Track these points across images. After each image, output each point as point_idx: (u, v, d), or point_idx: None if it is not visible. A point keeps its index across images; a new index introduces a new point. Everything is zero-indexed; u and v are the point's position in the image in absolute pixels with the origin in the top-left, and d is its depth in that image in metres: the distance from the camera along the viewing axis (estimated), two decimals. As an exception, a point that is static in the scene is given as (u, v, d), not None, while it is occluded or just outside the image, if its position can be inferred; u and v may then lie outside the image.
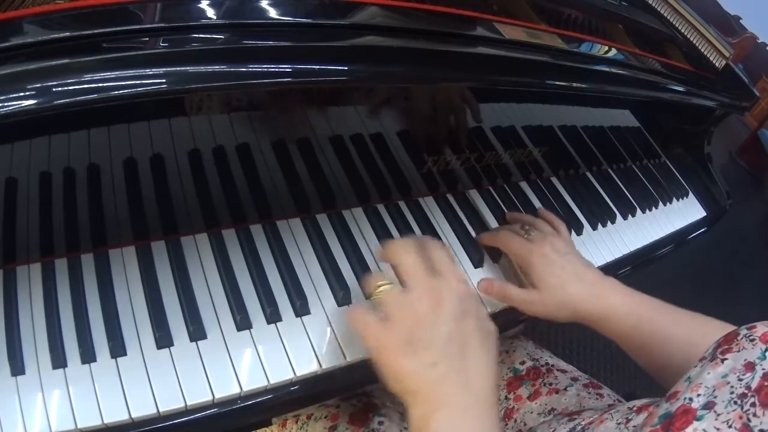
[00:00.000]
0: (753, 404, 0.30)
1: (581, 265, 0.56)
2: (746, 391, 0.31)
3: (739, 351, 0.33)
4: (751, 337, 0.34)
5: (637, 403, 0.46)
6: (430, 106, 0.64)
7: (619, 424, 0.45)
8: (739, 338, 0.34)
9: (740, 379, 0.31)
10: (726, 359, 0.33)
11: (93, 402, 0.42)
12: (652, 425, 0.32)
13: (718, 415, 0.29)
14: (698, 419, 0.30)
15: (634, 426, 0.42)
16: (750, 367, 0.32)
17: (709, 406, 0.30)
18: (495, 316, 0.59)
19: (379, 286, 0.43)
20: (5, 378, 0.42)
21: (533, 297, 0.55)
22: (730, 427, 0.29)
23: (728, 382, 0.31)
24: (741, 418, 0.29)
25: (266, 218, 0.56)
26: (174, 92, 0.39)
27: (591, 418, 0.50)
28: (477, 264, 0.63)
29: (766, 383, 0.31)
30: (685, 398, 0.32)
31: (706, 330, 0.51)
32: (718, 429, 0.29)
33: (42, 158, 0.45)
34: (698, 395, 0.32)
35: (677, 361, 0.51)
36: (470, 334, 0.41)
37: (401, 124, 0.63)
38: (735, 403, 0.30)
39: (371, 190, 0.62)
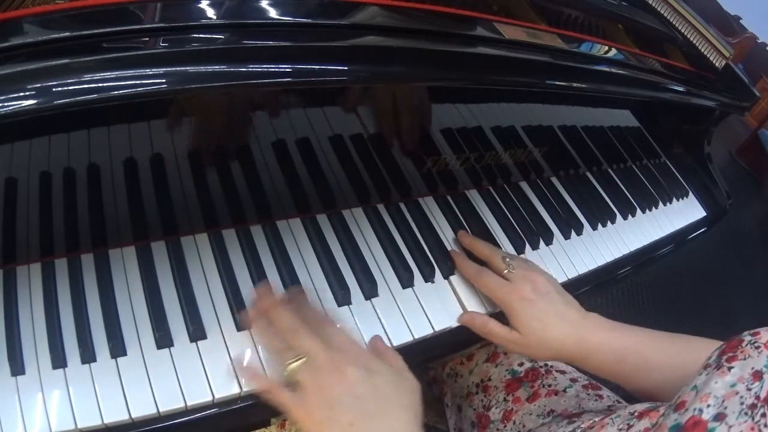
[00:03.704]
0: (763, 414, 0.30)
1: (562, 303, 0.55)
2: (756, 401, 0.30)
3: (744, 359, 0.33)
4: (756, 344, 0.34)
5: (639, 407, 0.46)
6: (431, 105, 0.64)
7: (620, 429, 0.44)
8: (743, 345, 0.34)
9: (749, 389, 0.31)
10: (732, 367, 0.33)
11: (93, 402, 0.42)
12: None
13: (730, 427, 0.29)
14: (710, 430, 0.30)
15: (640, 430, 0.42)
16: (758, 376, 0.32)
17: (719, 417, 0.30)
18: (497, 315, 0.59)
19: (289, 363, 0.44)
20: (5, 378, 0.42)
21: (515, 338, 0.54)
22: None
23: (737, 392, 0.31)
24: (753, 429, 0.29)
25: (266, 218, 0.56)
26: (174, 92, 0.39)
27: (591, 421, 0.50)
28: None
29: None
30: (694, 409, 0.32)
31: (693, 350, 0.51)
32: None
33: (42, 158, 0.45)
34: (708, 406, 0.31)
35: (665, 387, 0.50)
36: (380, 389, 0.43)
37: (401, 124, 0.63)
38: (745, 414, 0.30)
39: (371, 190, 0.62)
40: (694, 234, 0.93)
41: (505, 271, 0.57)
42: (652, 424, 0.41)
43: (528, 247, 0.68)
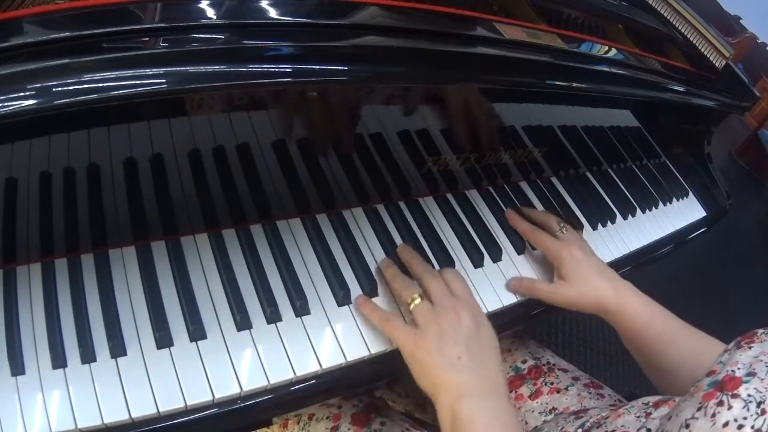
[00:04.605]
0: None
1: (603, 264, 0.63)
2: None
3: (761, 342, 0.36)
4: None
5: (652, 399, 0.48)
6: (430, 105, 0.64)
7: (638, 417, 0.45)
8: (758, 334, 0.37)
9: None
10: (752, 347, 0.36)
11: (93, 402, 0.42)
12: (705, 390, 0.34)
13: (762, 379, 0.32)
14: (746, 382, 0.33)
15: (660, 416, 0.43)
16: None
17: (751, 374, 0.33)
18: (499, 315, 0.61)
19: (413, 299, 0.51)
20: (5, 378, 0.42)
21: (561, 288, 0.61)
22: None
23: (761, 360, 0.34)
24: None
25: (266, 218, 0.56)
26: (174, 92, 0.39)
27: (599, 415, 0.50)
28: (477, 264, 0.63)
29: None
30: (727, 371, 0.35)
31: (708, 342, 0.55)
32: (766, 388, 0.32)
33: (42, 158, 0.45)
34: (738, 368, 0.35)
35: (677, 364, 0.54)
36: (485, 338, 0.50)
37: (401, 124, 0.63)
38: None
39: (371, 190, 0.62)
40: (694, 234, 0.93)
41: (558, 232, 0.64)
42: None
43: (528, 246, 0.68)
